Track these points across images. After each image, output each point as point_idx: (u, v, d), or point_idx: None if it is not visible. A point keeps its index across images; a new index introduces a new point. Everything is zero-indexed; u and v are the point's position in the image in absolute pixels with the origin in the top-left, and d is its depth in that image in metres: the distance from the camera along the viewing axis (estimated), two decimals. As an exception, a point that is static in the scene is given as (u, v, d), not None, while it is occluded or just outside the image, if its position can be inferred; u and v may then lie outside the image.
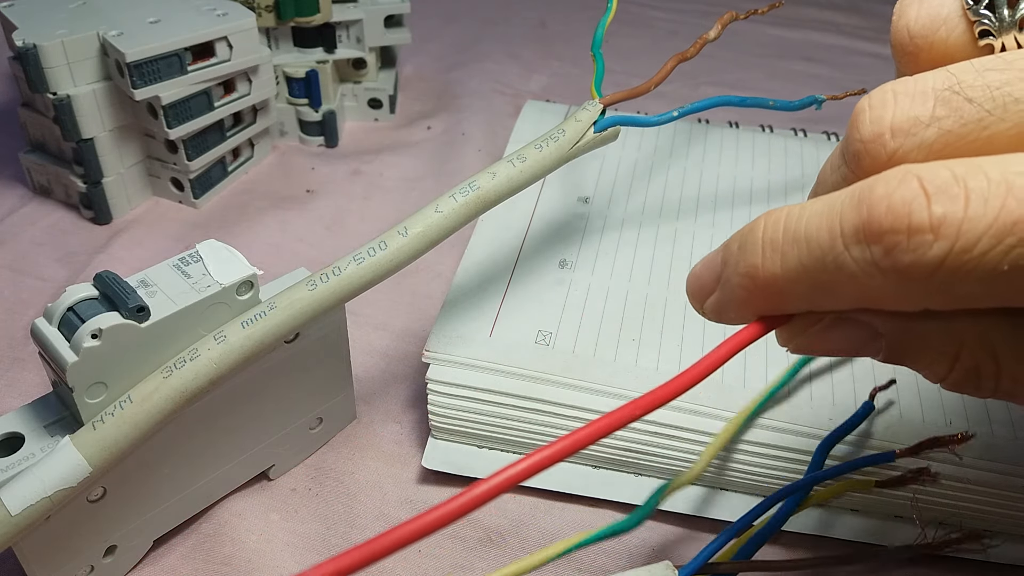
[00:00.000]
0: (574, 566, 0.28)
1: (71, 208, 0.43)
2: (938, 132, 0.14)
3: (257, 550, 0.28)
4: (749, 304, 0.17)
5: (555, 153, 0.28)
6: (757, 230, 0.16)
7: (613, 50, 0.59)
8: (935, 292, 0.14)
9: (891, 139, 0.15)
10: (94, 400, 0.23)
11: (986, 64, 0.15)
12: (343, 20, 0.47)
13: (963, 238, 0.13)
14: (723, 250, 0.17)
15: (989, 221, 0.13)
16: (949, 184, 0.13)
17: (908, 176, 0.14)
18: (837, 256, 0.14)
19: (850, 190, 0.15)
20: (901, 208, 0.13)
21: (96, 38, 0.38)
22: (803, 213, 0.15)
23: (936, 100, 0.15)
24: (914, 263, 0.13)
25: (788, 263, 0.15)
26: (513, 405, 0.29)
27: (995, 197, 0.13)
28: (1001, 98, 0.14)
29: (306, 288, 0.25)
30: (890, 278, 0.14)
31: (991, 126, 0.14)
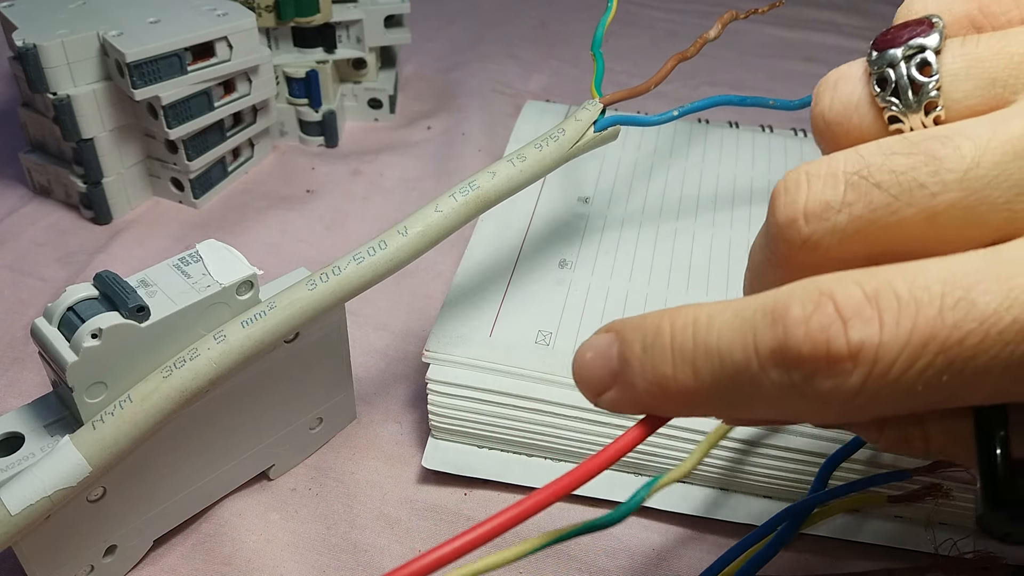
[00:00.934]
0: (574, 566, 0.28)
1: (71, 208, 0.43)
2: (849, 217, 0.15)
3: (257, 550, 0.28)
4: (656, 409, 0.16)
5: (555, 153, 0.28)
6: (664, 335, 0.15)
7: (613, 50, 0.59)
8: (853, 411, 0.14)
9: (804, 224, 0.15)
10: (94, 400, 0.23)
11: (892, 147, 0.15)
12: (343, 20, 0.47)
13: (880, 363, 0.13)
14: (620, 344, 0.16)
15: (902, 344, 0.13)
16: (863, 306, 0.13)
17: (823, 300, 0.13)
18: (754, 376, 0.14)
19: (762, 303, 0.14)
20: (819, 335, 0.13)
21: (96, 38, 0.38)
22: (712, 322, 0.15)
23: (846, 184, 0.15)
24: (834, 389, 0.13)
25: (702, 377, 0.15)
26: (513, 405, 0.29)
27: (906, 318, 0.13)
28: (907, 183, 0.14)
29: (306, 288, 0.25)
30: (809, 401, 0.14)
31: (899, 211, 0.14)
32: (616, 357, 0.16)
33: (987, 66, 0.15)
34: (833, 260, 0.15)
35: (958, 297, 0.13)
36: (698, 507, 0.29)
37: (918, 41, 0.16)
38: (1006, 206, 0.14)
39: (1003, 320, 0.13)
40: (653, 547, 0.28)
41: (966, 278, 0.13)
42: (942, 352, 0.13)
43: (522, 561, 0.28)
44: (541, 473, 0.30)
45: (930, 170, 0.14)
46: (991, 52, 0.15)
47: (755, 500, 0.29)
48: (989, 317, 0.13)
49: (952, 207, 0.14)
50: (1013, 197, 0.14)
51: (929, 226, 0.14)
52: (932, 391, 0.13)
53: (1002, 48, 0.15)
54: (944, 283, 0.13)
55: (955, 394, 0.13)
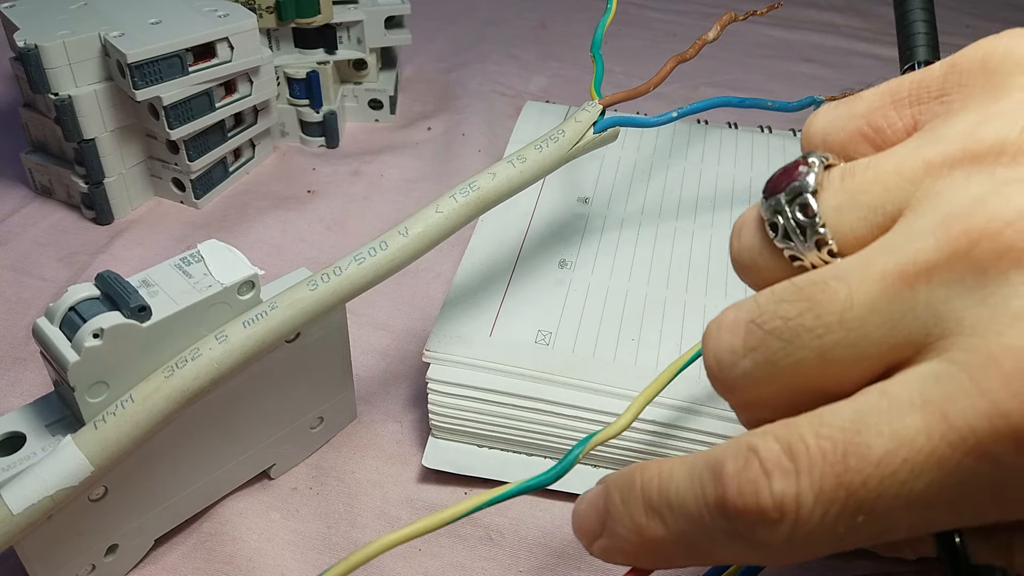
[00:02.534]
0: (573, 565, 0.28)
1: (73, 208, 0.43)
2: (753, 363, 0.16)
3: (258, 549, 0.28)
4: (638, 557, 0.17)
5: (555, 154, 0.28)
6: (635, 487, 0.17)
7: (613, 51, 0.60)
8: (797, 554, 0.15)
9: (719, 371, 0.16)
10: (95, 399, 0.23)
11: (781, 294, 0.15)
12: (344, 21, 0.47)
13: (801, 511, 0.14)
14: (604, 496, 0.18)
15: (816, 492, 0.14)
16: (781, 459, 0.14)
17: (750, 456, 0.14)
18: (706, 526, 0.15)
19: (705, 459, 0.15)
20: (749, 488, 0.14)
21: (97, 39, 0.38)
22: (672, 474, 0.16)
23: (745, 332, 0.16)
24: (769, 538, 0.14)
25: (670, 527, 0.16)
26: (513, 405, 0.29)
27: (815, 468, 0.14)
28: (795, 328, 0.15)
29: (307, 288, 0.25)
30: (756, 548, 0.15)
31: (793, 354, 0.15)
32: (603, 509, 0.18)
33: (864, 197, 0.16)
34: (760, 402, 0.16)
35: (855, 443, 0.14)
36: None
37: (795, 185, 0.16)
38: (884, 340, 0.14)
39: (894, 461, 0.13)
40: (652, 546, 0.29)
41: (860, 422, 0.14)
42: (850, 496, 0.14)
43: (522, 563, 0.28)
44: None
45: (813, 315, 0.15)
46: (866, 181, 0.16)
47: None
48: (882, 460, 0.13)
49: (837, 346, 0.15)
50: (887, 332, 0.14)
51: (824, 365, 0.15)
52: (855, 531, 0.14)
53: (875, 176, 0.16)
54: (843, 430, 0.14)
55: (879, 531, 0.14)
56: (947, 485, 0.13)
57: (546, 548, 0.28)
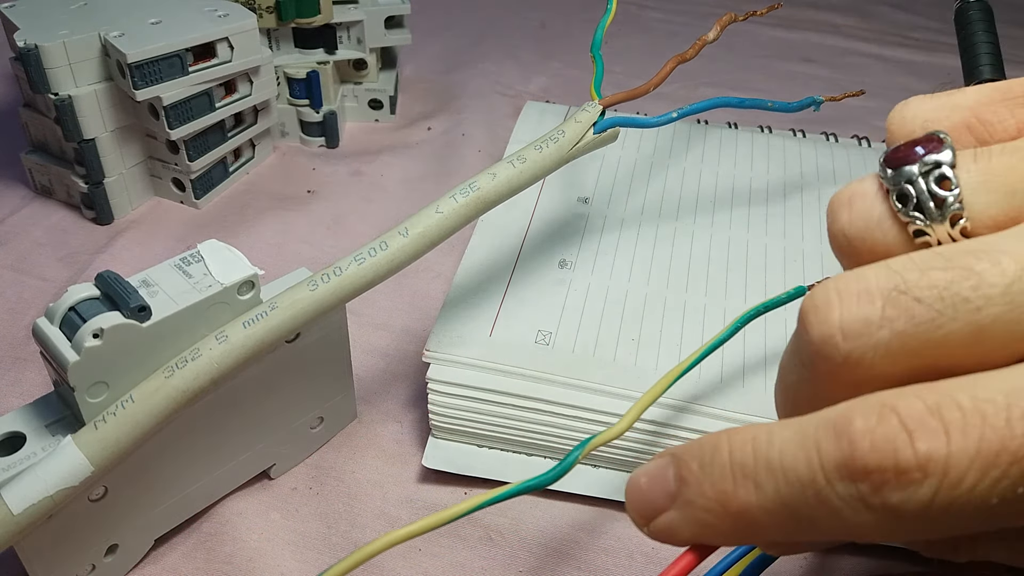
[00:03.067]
0: (573, 565, 0.28)
1: (73, 208, 0.43)
2: (891, 333, 0.14)
3: (258, 549, 0.28)
4: (713, 530, 0.16)
5: (555, 154, 0.29)
6: (722, 451, 0.15)
7: (613, 51, 0.60)
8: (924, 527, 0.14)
9: (843, 341, 0.15)
10: (95, 399, 0.23)
11: (928, 262, 0.15)
12: (344, 21, 0.47)
13: (951, 474, 0.13)
14: (676, 465, 0.16)
15: (972, 455, 0.13)
16: (927, 418, 0.13)
17: (885, 411, 0.14)
18: (819, 491, 0.14)
19: (824, 418, 0.14)
20: (885, 446, 0.13)
21: (97, 39, 0.38)
22: (773, 438, 0.15)
23: (884, 301, 0.15)
24: (904, 502, 0.13)
25: (764, 493, 0.15)
26: (513, 405, 0.29)
27: (973, 428, 0.13)
28: (950, 298, 0.14)
29: (307, 288, 0.25)
30: (879, 514, 0.14)
31: (944, 325, 0.14)
32: (673, 479, 0.16)
33: (1003, 179, 0.15)
34: (876, 377, 0.15)
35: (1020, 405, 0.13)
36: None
37: (933, 157, 0.16)
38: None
39: None
40: (652, 545, 0.29)
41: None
42: (1015, 463, 0.13)
43: (522, 563, 0.28)
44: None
45: (971, 284, 0.14)
46: (1005, 165, 0.15)
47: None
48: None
49: (997, 321, 0.14)
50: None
51: (975, 340, 0.14)
52: (1006, 505, 0.13)
53: (1015, 161, 0.15)
54: (1007, 395, 0.13)
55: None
56: None
57: (546, 548, 0.29)
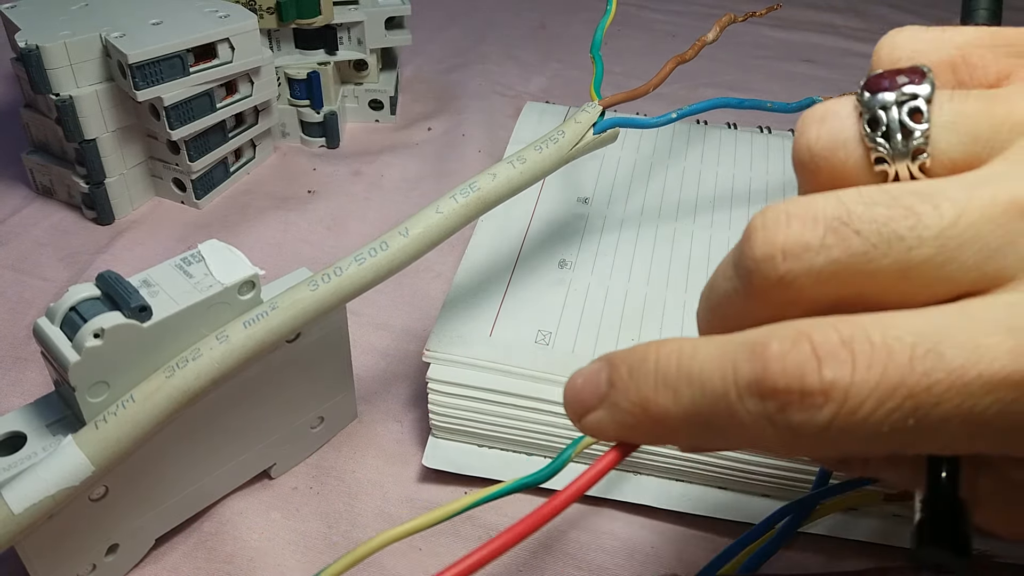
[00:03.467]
0: (573, 564, 0.28)
1: (73, 208, 0.43)
2: (826, 260, 0.15)
3: (259, 549, 0.28)
4: (634, 431, 0.17)
5: (555, 154, 0.29)
6: (649, 360, 0.16)
7: (612, 52, 0.60)
8: (820, 446, 0.14)
9: (782, 261, 0.15)
10: (96, 399, 0.23)
11: (874, 197, 0.15)
12: (344, 22, 0.47)
13: (849, 401, 0.14)
14: (608, 369, 0.17)
15: (872, 386, 0.14)
16: (838, 349, 0.14)
17: (800, 338, 0.14)
18: (730, 404, 0.15)
19: (744, 339, 0.15)
20: (794, 370, 0.14)
21: (98, 39, 0.38)
22: (696, 352, 0.16)
23: (826, 228, 0.15)
24: (805, 422, 0.14)
25: (681, 401, 0.16)
26: (513, 405, 0.29)
27: (877, 363, 0.14)
28: (887, 234, 0.15)
29: (308, 288, 0.25)
30: (780, 431, 0.14)
31: (875, 260, 0.15)
32: (604, 382, 0.17)
33: (971, 123, 0.16)
34: (804, 300, 0.16)
35: (927, 348, 0.14)
36: (697, 506, 0.29)
37: (912, 89, 0.16)
38: (976, 267, 0.14)
39: (968, 374, 0.13)
40: (652, 545, 0.29)
41: (936, 332, 0.14)
42: (910, 397, 0.14)
43: (521, 561, 0.28)
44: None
45: (909, 224, 0.15)
46: (976, 110, 0.16)
47: (754, 499, 0.29)
48: (956, 370, 0.13)
49: (926, 263, 0.14)
50: (983, 259, 0.14)
51: (901, 277, 0.15)
52: (896, 435, 0.14)
53: (987, 108, 0.16)
54: (915, 335, 0.14)
55: (916, 440, 0.14)
56: (1014, 411, 0.13)
57: (546, 547, 0.29)
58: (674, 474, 0.30)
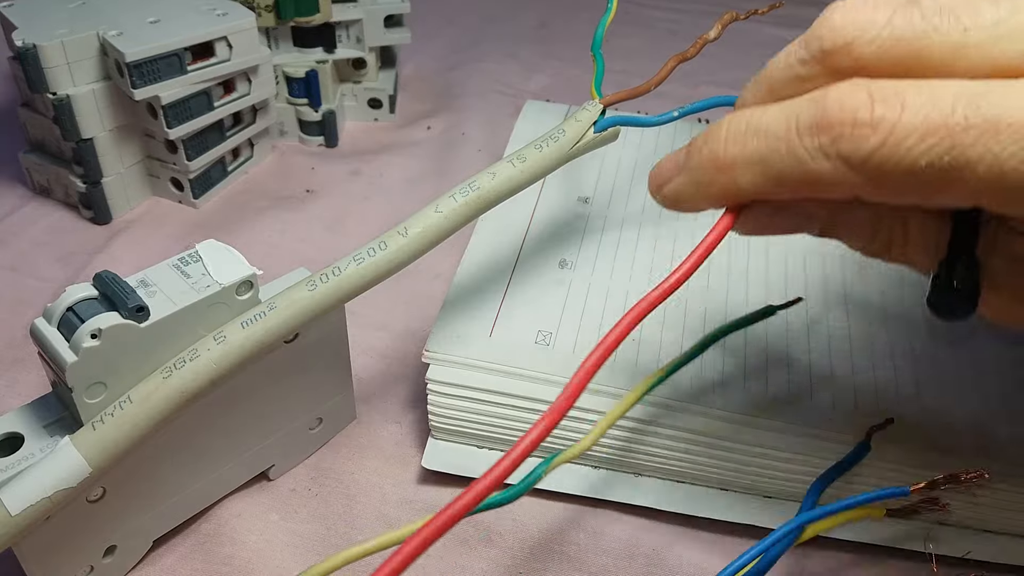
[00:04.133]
0: (573, 566, 0.28)
1: (71, 208, 0.43)
2: (891, 35, 0.17)
3: (257, 550, 0.28)
4: (706, 187, 0.20)
5: (555, 153, 0.28)
6: (722, 127, 0.19)
7: (613, 50, 0.59)
8: (868, 179, 0.17)
9: (852, 29, 0.18)
10: (94, 400, 0.23)
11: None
12: (343, 20, 0.47)
13: (894, 135, 0.16)
14: (688, 146, 0.20)
15: (916, 124, 0.16)
16: (890, 95, 0.16)
17: (859, 86, 0.17)
18: (790, 143, 0.18)
19: (809, 96, 0.18)
20: (850, 108, 0.17)
21: (96, 38, 0.38)
22: (764, 113, 0.19)
23: (895, 8, 0.18)
24: (854, 150, 0.17)
25: (748, 149, 0.19)
26: (513, 405, 0.29)
27: (923, 107, 0.16)
28: (948, 15, 0.17)
29: (306, 288, 0.25)
30: (832, 162, 0.17)
31: (933, 36, 0.17)
32: (683, 155, 0.21)
33: None
34: (862, 70, 0.18)
35: (969, 100, 0.16)
36: (699, 507, 0.29)
37: None
38: (1019, 56, 0.17)
39: (1000, 123, 0.16)
40: (652, 547, 0.28)
41: (978, 91, 0.16)
42: (948, 136, 0.16)
43: (522, 564, 0.28)
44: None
45: (970, 11, 0.17)
46: None
47: (754, 500, 0.29)
48: (990, 119, 0.16)
49: (978, 45, 0.17)
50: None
51: (952, 56, 0.17)
52: (931, 173, 0.16)
53: None
54: (960, 90, 0.16)
55: (948, 182, 0.16)
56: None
57: (546, 548, 0.28)
58: (675, 475, 0.30)
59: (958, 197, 0.17)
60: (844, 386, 0.29)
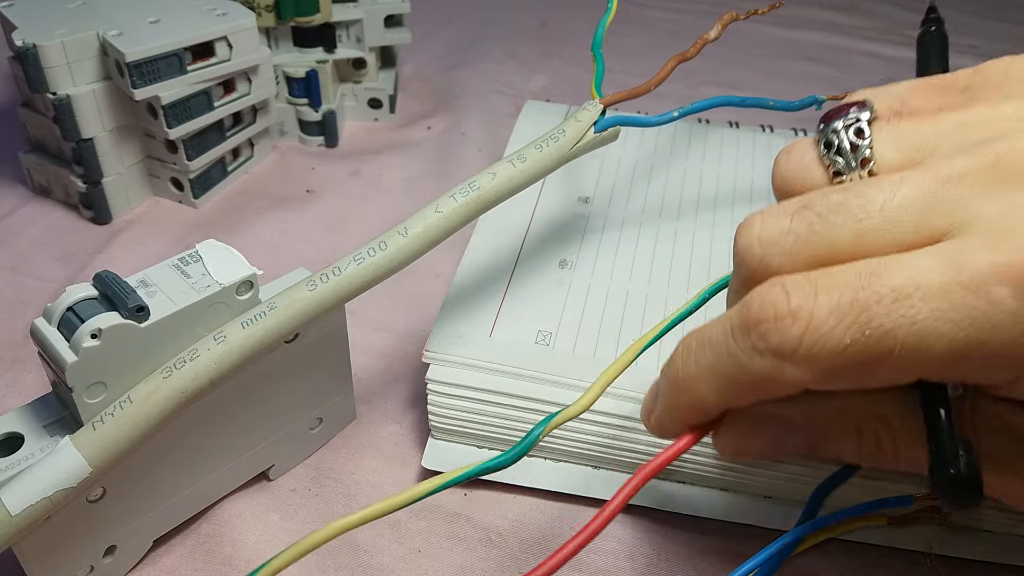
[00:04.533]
0: (573, 566, 0.28)
1: (71, 208, 0.43)
2: (795, 238, 0.19)
3: (257, 550, 0.28)
4: (677, 409, 0.21)
5: (555, 153, 0.28)
6: (678, 348, 0.21)
7: (613, 50, 0.59)
8: (804, 369, 0.18)
9: (759, 247, 0.20)
10: (94, 400, 0.23)
11: (831, 189, 0.19)
12: (343, 20, 0.47)
13: (814, 319, 0.17)
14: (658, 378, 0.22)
15: (832, 306, 0.17)
16: (803, 285, 0.18)
17: (775, 283, 0.18)
18: (729, 347, 0.19)
19: (737, 305, 0.19)
20: (769, 303, 0.18)
21: (96, 38, 0.38)
22: (709, 325, 0.20)
23: (792, 216, 0.19)
24: (781, 342, 0.18)
25: (701, 362, 0.20)
26: (513, 405, 0.29)
27: (835, 289, 0.17)
28: (840, 210, 0.19)
29: (306, 288, 0.25)
30: (767, 357, 0.18)
31: (835, 230, 0.18)
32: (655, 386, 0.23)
33: (908, 138, 0.20)
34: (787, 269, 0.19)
35: (874, 273, 0.17)
36: (700, 508, 0.29)
37: (855, 114, 0.20)
38: (914, 227, 0.18)
39: (908, 287, 0.17)
40: (653, 547, 0.28)
41: (883, 264, 0.17)
42: (863, 312, 0.17)
43: (522, 564, 0.28)
44: (541, 473, 0.30)
45: (859, 203, 0.18)
46: (910, 129, 0.20)
47: (755, 500, 0.29)
48: (898, 287, 0.17)
49: (874, 230, 0.18)
50: (918, 220, 0.18)
51: (857, 243, 0.18)
52: (860, 345, 0.17)
53: (918, 127, 0.20)
54: (865, 268, 0.18)
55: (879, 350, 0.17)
56: (949, 319, 0.16)
57: (546, 549, 0.28)
58: (676, 477, 0.30)
59: (897, 371, 0.17)
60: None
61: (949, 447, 0.17)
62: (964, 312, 0.16)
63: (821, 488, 0.27)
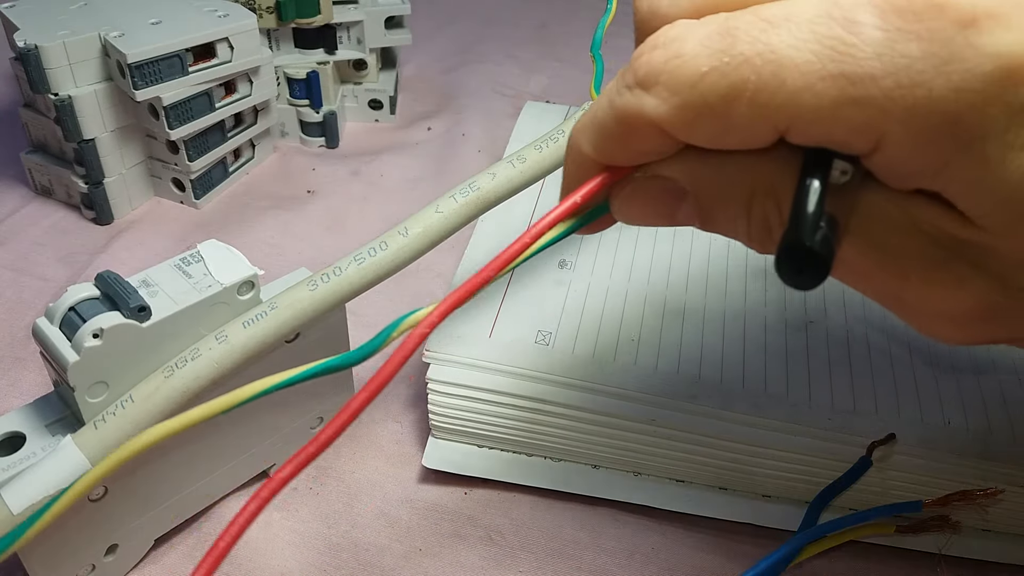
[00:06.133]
0: (573, 565, 0.28)
1: (72, 208, 0.43)
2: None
3: (258, 549, 0.28)
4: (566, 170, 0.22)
5: (555, 154, 0.28)
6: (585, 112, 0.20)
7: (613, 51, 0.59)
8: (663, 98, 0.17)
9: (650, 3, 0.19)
10: (95, 399, 0.23)
11: None
12: (344, 21, 0.47)
13: (683, 47, 0.17)
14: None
15: (702, 36, 0.17)
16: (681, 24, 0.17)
17: (659, 32, 0.18)
18: (608, 92, 0.19)
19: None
20: (649, 44, 0.18)
21: (97, 39, 0.38)
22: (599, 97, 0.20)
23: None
24: (647, 72, 0.17)
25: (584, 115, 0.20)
26: (513, 405, 0.29)
27: (712, 22, 0.17)
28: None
29: (307, 288, 0.25)
30: (634, 91, 0.18)
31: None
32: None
33: None
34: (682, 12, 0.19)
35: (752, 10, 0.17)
36: (698, 507, 0.29)
37: None
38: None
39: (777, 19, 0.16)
40: (652, 547, 0.29)
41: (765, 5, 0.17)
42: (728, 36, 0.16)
43: (522, 563, 0.28)
44: (541, 473, 0.30)
45: None
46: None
47: (755, 500, 0.29)
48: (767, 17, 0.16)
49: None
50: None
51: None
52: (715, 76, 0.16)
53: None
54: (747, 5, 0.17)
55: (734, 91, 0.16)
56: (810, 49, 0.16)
57: (546, 548, 0.28)
58: (674, 475, 0.30)
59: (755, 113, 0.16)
60: (843, 387, 0.29)
61: (810, 217, 0.16)
62: (827, 43, 0.15)
63: (822, 495, 0.27)
